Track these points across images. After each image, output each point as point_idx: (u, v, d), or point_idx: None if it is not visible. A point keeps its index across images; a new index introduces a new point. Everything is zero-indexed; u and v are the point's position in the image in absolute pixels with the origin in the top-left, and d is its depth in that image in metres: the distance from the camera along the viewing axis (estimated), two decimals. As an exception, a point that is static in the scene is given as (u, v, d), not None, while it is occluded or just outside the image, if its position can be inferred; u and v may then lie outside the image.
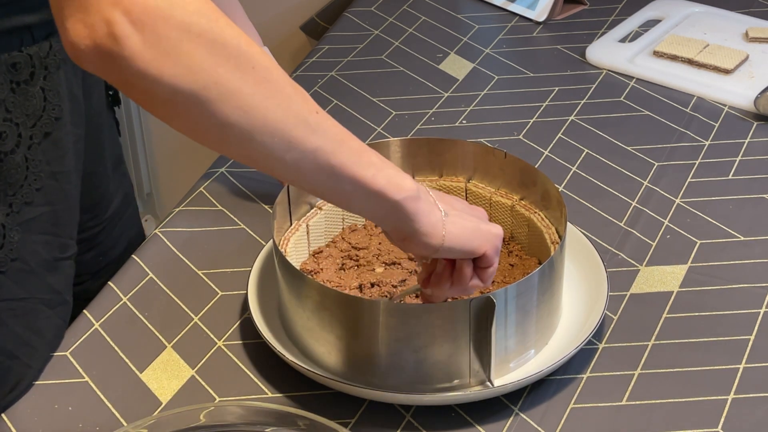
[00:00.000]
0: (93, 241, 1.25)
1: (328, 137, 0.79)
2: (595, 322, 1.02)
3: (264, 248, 1.12)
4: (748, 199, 1.26)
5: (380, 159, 0.83)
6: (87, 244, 1.23)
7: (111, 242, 1.27)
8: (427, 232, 0.85)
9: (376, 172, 0.81)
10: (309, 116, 0.78)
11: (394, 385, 0.97)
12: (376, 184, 0.81)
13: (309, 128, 0.77)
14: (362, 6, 1.72)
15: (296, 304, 1.00)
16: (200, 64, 0.71)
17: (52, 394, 1.01)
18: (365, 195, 0.82)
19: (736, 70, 1.48)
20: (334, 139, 0.79)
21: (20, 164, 1.01)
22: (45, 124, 1.02)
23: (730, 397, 0.99)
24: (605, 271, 1.07)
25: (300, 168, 0.79)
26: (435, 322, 0.94)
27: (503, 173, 1.12)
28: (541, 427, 0.97)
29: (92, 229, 1.24)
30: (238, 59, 0.72)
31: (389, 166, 0.83)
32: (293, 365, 0.99)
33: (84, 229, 1.21)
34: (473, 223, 0.89)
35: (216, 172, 1.31)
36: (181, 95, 0.71)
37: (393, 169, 0.83)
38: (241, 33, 0.72)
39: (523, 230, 1.10)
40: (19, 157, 1.00)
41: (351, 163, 0.80)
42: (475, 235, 0.88)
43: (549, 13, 1.65)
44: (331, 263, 1.08)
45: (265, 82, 0.74)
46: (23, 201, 1.02)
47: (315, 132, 0.78)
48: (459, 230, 0.87)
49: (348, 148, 0.80)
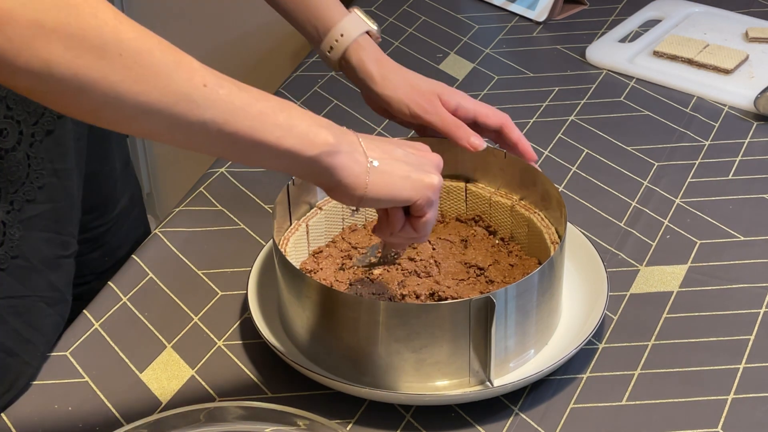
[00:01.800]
0: (99, 240, 1.24)
1: (218, 108, 0.78)
2: (595, 322, 1.02)
3: (264, 248, 1.12)
4: (748, 199, 1.26)
5: (290, 117, 0.82)
6: (92, 244, 1.23)
7: (117, 242, 1.27)
8: (349, 183, 0.85)
9: (282, 134, 0.81)
10: (193, 92, 0.77)
11: (394, 385, 0.97)
12: (282, 146, 0.81)
13: (193, 104, 0.76)
14: (362, 6, 1.71)
15: (296, 304, 1.00)
16: (57, 58, 0.70)
17: (52, 394, 1.01)
18: (275, 156, 0.82)
19: (736, 70, 1.49)
20: (226, 109, 0.78)
21: (22, 161, 1.01)
22: (47, 121, 1.02)
23: (730, 397, 0.99)
24: (605, 271, 1.07)
25: (194, 141, 0.79)
26: (435, 322, 0.94)
27: (503, 173, 1.12)
28: (541, 427, 0.97)
29: (98, 228, 1.24)
30: (101, 49, 0.72)
31: (303, 122, 0.82)
32: (293, 365, 0.99)
33: (89, 228, 1.21)
34: (405, 171, 0.88)
35: (216, 172, 1.31)
36: (42, 87, 0.72)
37: (307, 124, 0.82)
38: (109, 21, 0.72)
39: (523, 230, 1.10)
40: (20, 155, 1.01)
41: (250, 130, 0.79)
42: (404, 184, 0.88)
43: (549, 13, 1.65)
44: (330, 263, 1.08)
45: (135, 66, 0.74)
46: (25, 198, 1.02)
47: (201, 106, 0.77)
48: (385, 180, 0.87)
49: (245, 115, 0.79)
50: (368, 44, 1.12)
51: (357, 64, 1.11)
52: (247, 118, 0.79)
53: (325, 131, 0.83)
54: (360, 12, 1.12)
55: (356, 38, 1.11)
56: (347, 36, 1.11)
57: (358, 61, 1.11)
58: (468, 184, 1.14)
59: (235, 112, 0.79)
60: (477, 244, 1.11)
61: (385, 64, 1.12)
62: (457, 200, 1.15)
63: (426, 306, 0.96)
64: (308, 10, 1.12)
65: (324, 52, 1.13)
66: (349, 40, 1.11)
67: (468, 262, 1.08)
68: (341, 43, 1.11)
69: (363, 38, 1.11)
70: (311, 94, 1.49)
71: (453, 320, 0.94)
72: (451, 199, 1.15)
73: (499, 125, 1.10)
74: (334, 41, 1.11)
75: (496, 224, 1.13)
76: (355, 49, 1.11)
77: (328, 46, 1.12)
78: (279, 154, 0.81)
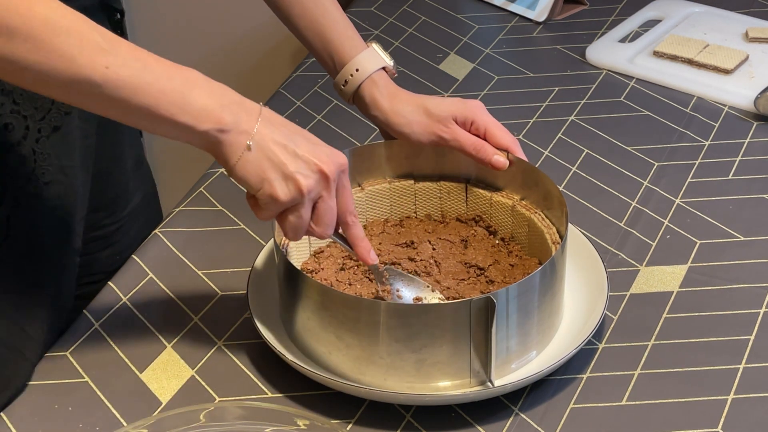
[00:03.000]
0: (109, 239, 1.24)
1: (119, 89, 0.85)
2: (595, 322, 1.01)
3: (264, 248, 1.12)
4: (748, 199, 1.26)
5: (188, 95, 0.87)
6: (103, 242, 1.23)
7: (128, 241, 1.26)
8: (224, 159, 0.90)
9: (177, 111, 0.87)
10: (94, 74, 0.84)
11: (394, 386, 0.97)
12: (178, 120, 0.87)
13: (95, 85, 0.84)
14: (362, 6, 1.72)
15: (296, 304, 1.00)
16: None
17: (52, 394, 1.01)
18: (171, 129, 0.88)
19: (736, 70, 1.49)
20: (126, 89, 0.85)
21: (28, 157, 1.01)
22: (54, 117, 1.03)
23: (730, 397, 0.99)
24: (605, 272, 1.07)
25: (100, 112, 0.88)
26: (435, 322, 0.94)
27: (504, 173, 1.12)
28: (541, 427, 0.97)
29: (108, 227, 1.23)
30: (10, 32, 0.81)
31: (200, 100, 0.88)
32: (293, 365, 0.99)
33: (100, 226, 1.21)
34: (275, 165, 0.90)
35: (216, 172, 1.31)
36: None
37: (202, 103, 0.88)
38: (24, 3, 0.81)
39: (524, 230, 1.10)
40: (26, 150, 1.01)
41: (148, 108, 0.86)
42: (266, 175, 0.90)
43: (549, 13, 1.65)
44: (331, 263, 1.08)
45: (41, 50, 0.82)
46: (30, 194, 1.03)
47: (102, 86, 0.84)
48: (249, 167, 0.90)
49: (144, 94, 0.86)
50: (382, 80, 1.12)
51: (370, 102, 1.12)
52: (145, 97, 0.86)
53: (219, 111, 0.88)
54: (377, 47, 1.13)
55: (371, 74, 1.11)
56: (362, 71, 1.11)
57: (371, 99, 1.12)
58: (468, 184, 1.14)
59: (134, 91, 0.86)
60: (477, 244, 1.11)
61: (397, 97, 1.12)
62: (457, 200, 1.15)
63: (426, 306, 0.96)
64: (326, 40, 1.13)
65: (339, 85, 1.13)
66: (364, 76, 1.11)
67: (468, 262, 1.08)
68: (356, 78, 1.11)
69: (378, 74, 1.12)
70: (311, 94, 1.49)
71: (453, 320, 0.94)
72: (452, 199, 1.15)
73: (505, 147, 1.10)
74: (349, 75, 1.11)
75: (497, 224, 1.13)
76: (369, 86, 1.12)
77: (343, 80, 1.12)
78: (175, 126, 0.88)
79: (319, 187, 0.92)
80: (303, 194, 0.91)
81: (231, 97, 0.90)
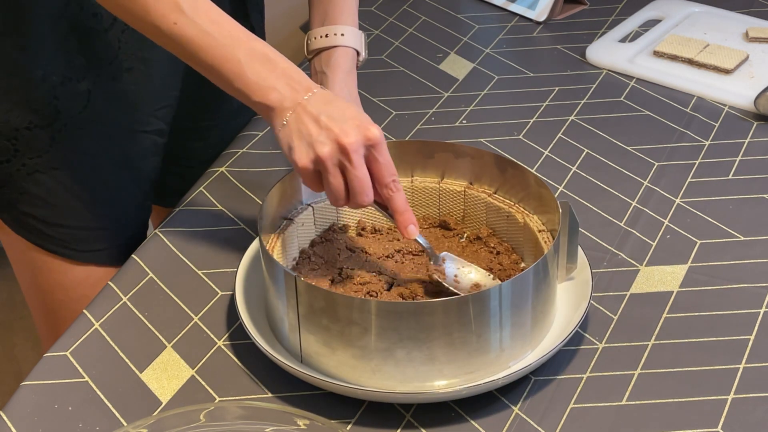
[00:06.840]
0: (206, 133, 1.37)
1: (183, 44, 0.97)
2: (578, 318, 1.01)
3: (249, 248, 1.12)
4: (748, 199, 1.26)
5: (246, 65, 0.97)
6: (199, 134, 1.36)
7: (222, 137, 1.37)
8: (272, 124, 0.99)
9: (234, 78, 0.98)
10: (163, 26, 0.96)
11: (393, 385, 0.97)
12: (234, 85, 0.98)
13: (163, 36, 0.97)
14: (362, 6, 1.70)
15: (285, 305, 0.99)
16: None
17: (52, 394, 1.01)
18: (228, 88, 0.99)
19: (736, 70, 1.49)
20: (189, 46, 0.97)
21: (112, 43, 1.14)
22: None
23: (730, 397, 0.99)
24: (590, 270, 1.07)
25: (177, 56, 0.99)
26: (429, 320, 0.94)
27: (502, 176, 1.12)
28: (541, 427, 0.97)
29: (206, 121, 1.36)
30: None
31: (258, 74, 0.97)
32: (290, 370, 0.99)
33: (198, 120, 1.34)
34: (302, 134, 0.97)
35: (216, 171, 1.31)
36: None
37: (259, 78, 0.97)
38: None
39: (518, 234, 1.10)
40: (112, 38, 1.14)
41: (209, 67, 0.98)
42: (293, 143, 0.97)
43: (549, 13, 1.65)
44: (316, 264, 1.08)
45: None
46: (111, 76, 1.16)
47: (169, 38, 0.97)
48: (284, 136, 0.98)
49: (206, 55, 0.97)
50: (349, 60, 1.16)
51: (326, 67, 1.16)
52: (209, 58, 0.97)
53: (270, 89, 0.98)
54: (364, 37, 1.19)
55: (347, 45, 1.16)
56: (343, 39, 1.16)
57: (331, 64, 1.16)
58: (467, 189, 1.14)
59: (198, 50, 0.97)
60: (473, 256, 1.11)
61: (348, 85, 1.16)
62: (456, 202, 1.15)
63: (419, 304, 0.96)
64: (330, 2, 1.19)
65: (314, 35, 1.17)
66: (343, 43, 1.16)
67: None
68: (332, 40, 1.16)
69: (350, 51, 1.16)
70: (311, 94, 1.49)
71: (447, 318, 0.94)
72: (450, 202, 1.15)
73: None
74: (333, 34, 1.16)
75: (493, 228, 1.13)
76: (339, 54, 1.16)
77: (324, 33, 1.17)
78: (232, 90, 0.99)
79: (337, 156, 0.96)
80: (321, 161, 0.96)
81: (288, 75, 0.98)
